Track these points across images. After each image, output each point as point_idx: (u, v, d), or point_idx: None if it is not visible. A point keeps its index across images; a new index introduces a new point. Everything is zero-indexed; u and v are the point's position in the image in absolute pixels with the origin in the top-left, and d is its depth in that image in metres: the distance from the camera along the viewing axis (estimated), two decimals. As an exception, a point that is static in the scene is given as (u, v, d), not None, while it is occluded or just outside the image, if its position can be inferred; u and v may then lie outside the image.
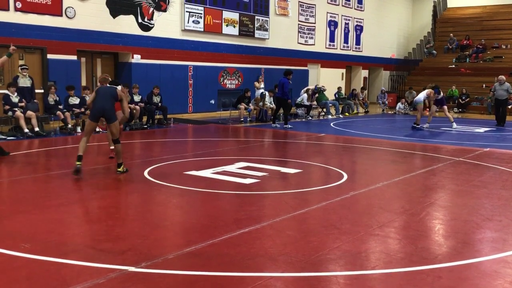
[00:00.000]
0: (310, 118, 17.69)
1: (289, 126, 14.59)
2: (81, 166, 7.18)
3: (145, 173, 7.51)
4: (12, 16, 12.69)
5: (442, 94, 15.74)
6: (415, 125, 14.98)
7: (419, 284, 3.82)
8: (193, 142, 12.29)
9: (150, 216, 5.55)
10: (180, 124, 15.14)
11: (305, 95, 17.52)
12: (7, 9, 12.60)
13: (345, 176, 7.69)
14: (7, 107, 11.20)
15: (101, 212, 5.79)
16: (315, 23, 23.26)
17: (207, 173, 7.65)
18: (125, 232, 4.91)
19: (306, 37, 22.84)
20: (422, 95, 15.30)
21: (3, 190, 6.71)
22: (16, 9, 12.75)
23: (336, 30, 24.82)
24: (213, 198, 6.32)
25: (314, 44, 23.30)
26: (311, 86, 18.27)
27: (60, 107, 12.26)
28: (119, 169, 7.48)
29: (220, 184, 7.01)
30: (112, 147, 8.22)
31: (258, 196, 6.46)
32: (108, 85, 7.81)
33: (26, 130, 11.05)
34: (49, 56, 13.48)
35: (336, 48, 24.94)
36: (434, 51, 28.29)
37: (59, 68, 13.53)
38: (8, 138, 10.74)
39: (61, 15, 13.69)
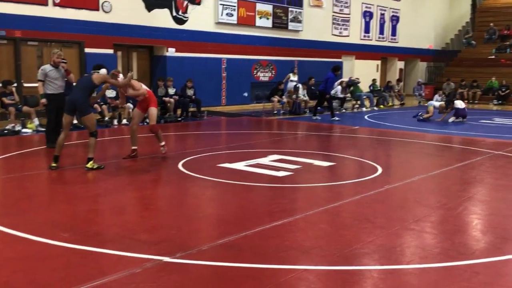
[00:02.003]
0: (343, 110, 17.51)
1: (337, 118, 14.47)
2: (56, 167, 7.18)
3: (179, 166, 7.60)
4: (51, 11, 13.00)
5: (461, 105, 15.14)
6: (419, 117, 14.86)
7: (455, 280, 3.75)
8: (227, 134, 12.36)
9: (184, 208, 5.63)
10: (214, 116, 15.24)
11: (339, 87, 17.32)
12: (46, 4, 12.91)
13: (380, 170, 7.59)
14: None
15: (137, 203, 5.90)
16: (349, 14, 22.94)
17: (240, 165, 7.68)
18: (160, 223, 4.99)
19: (341, 28, 22.57)
20: (436, 103, 15.34)
21: (43, 181, 6.91)
22: (54, 4, 13.06)
23: (372, 21, 24.41)
24: (246, 191, 6.34)
25: (348, 36, 23.00)
26: (345, 79, 18.04)
27: (98, 100, 12.50)
28: (87, 165, 7.16)
29: (253, 176, 7.03)
30: (134, 147, 8.16)
31: (291, 189, 6.45)
32: (92, 72, 7.61)
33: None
34: (87, 50, 13.77)
35: (371, 40, 24.54)
36: (473, 42, 27.45)
37: (96, 62, 13.72)
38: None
39: (98, 10, 13.95)
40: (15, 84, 11.95)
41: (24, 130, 10.92)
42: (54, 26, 13.03)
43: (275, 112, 15.81)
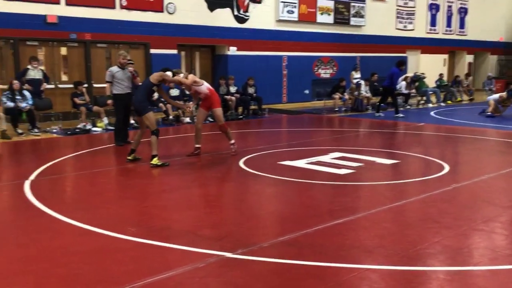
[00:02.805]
0: (408, 107, 17.02)
1: (401, 115, 14.14)
2: (132, 159, 7.66)
3: (241, 163, 7.69)
4: (118, 14, 13.53)
5: None
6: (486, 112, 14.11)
7: (529, 284, 3.56)
8: (287, 132, 12.36)
9: (245, 205, 5.69)
10: (275, 114, 15.28)
11: (403, 83, 16.86)
12: (113, 7, 13.46)
13: (447, 168, 7.32)
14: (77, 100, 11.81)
15: (200, 199, 6.03)
16: (414, 7, 22.24)
17: (301, 163, 7.66)
18: (223, 220, 5.08)
19: (405, 22, 21.93)
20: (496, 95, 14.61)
21: (112, 177, 7.23)
22: (121, 7, 13.58)
23: (438, 13, 23.54)
24: (307, 188, 6.32)
25: (413, 29, 22.31)
26: (410, 74, 17.54)
27: (162, 99, 12.88)
28: (151, 162, 7.40)
29: (315, 174, 6.99)
30: (197, 145, 8.32)
31: (353, 187, 6.36)
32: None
33: (132, 122, 11.75)
34: (152, 51, 14.22)
35: (438, 33, 23.67)
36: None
37: (161, 62, 14.19)
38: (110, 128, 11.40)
39: (162, 11, 14.36)
40: (86, 85, 12.55)
41: (94, 128, 11.45)
42: (121, 28, 13.55)
43: (337, 109, 15.63)
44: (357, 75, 16.82)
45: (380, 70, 17.85)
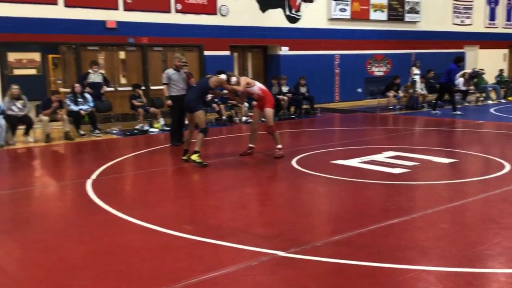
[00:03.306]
0: (466, 104, 16.44)
1: (459, 112, 13.71)
2: (186, 159, 7.76)
3: (293, 162, 7.71)
4: (173, 18, 13.87)
5: None
6: None
7: None
8: (340, 131, 12.25)
9: (298, 204, 5.71)
10: (327, 113, 15.17)
11: (461, 79, 16.29)
12: (169, 11, 13.81)
13: (508, 167, 7.03)
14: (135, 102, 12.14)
15: (253, 198, 6.11)
16: (472, 1, 21.43)
17: (354, 162, 7.59)
18: (275, 218, 5.13)
19: (462, 16, 21.18)
20: None
21: (168, 176, 7.44)
22: (176, 11, 13.91)
23: (497, 7, 22.57)
24: (361, 188, 6.26)
25: (471, 24, 21.51)
26: (468, 70, 16.92)
27: (216, 100, 13.09)
28: (191, 157, 7.52)
29: (368, 173, 6.91)
30: (251, 145, 8.40)
31: (408, 187, 6.24)
32: (210, 76, 8.05)
33: (187, 122, 12.01)
34: (206, 52, 14.48)
35: (497, 27, 22.69)
36: None
37: (214, 64, 14.43)
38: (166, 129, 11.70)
39: (215, 14, 14.59)
40: (143, 87, 12.95)
41: (151, 129, 11.80)
42: (176, 32, 13.88)
43: (391, 107, 15.32)
44: (417, 71, 16.39)
45: (436, 66, 17.33)
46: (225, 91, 8.62)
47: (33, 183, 7.16)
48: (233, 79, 8.15)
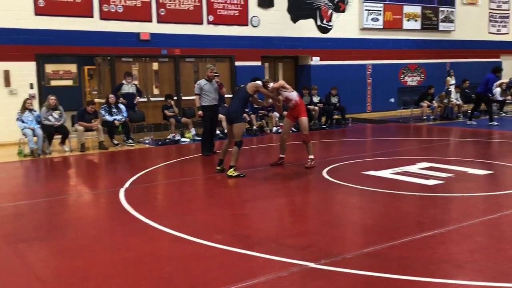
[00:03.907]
0: (503, 114, 16.01)
1: (495, 123, 13.38)
2: (221, 169, 7.80)
3: (324, 173, 7.65)
4: (205, 29, 14.06)
5: None
6: None
7: None
8: (372, 141, 12.11)
9: (329, 215, 5.66)
10: (358, 123, 15.03)
11: (498, 89, 15.90)
12: (201, 23, 14.00)
13: (547, 179, 6.80)
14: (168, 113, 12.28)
15: (283, 209, 6.08)
16: (509, 10, 20.98)
17: (386, 173, 7.48)
18: (305, 229, 5.09)
19: (499, 25, 20.73)
20: None
21: (199, 186, 7.49)
22: (208, 22, 14.09)
23: (536, 14, 21.99)
24: (393, 199, 6.15)
25: (508, 33, 21.02)
26: (505, 80, 16.50)
27: (246, 110, 13.16)
28: (228, 172, 7.53)
29: (400, 184, 6.79)
30: (281, 155, 8.39)
31: (442, 199, 6.10)
32: (246, 84, 8.03)
33: (218, 132, 12.11)
34: (237, 63, 14.59)
35: (536, 35, 22.11)
36: None
37: (245, 74, 14.52)
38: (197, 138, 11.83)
39: (247, 25, 14.72)
40: (175, 98, 13.13)
41: (182, 139, 11.94)
42: (208, 43, 14.07)
43: (425, 117, 15.06)
44: (452, 81, 16.10)
45: (471, 76, 17.00)
46: (263, 101, 8.64)
47: (68, 191, 7.33)
48: (270, 84, 8.20)
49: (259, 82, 8.03)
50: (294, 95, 8.24)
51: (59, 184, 7.69)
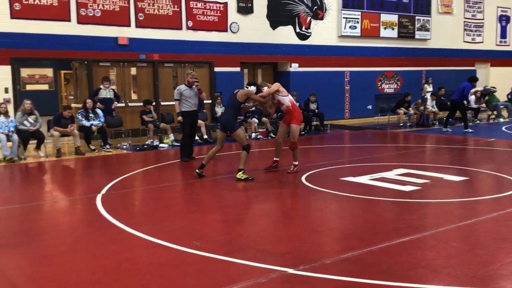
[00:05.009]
0: (478, 122, 16.35)
1: (470, 130, 13.62)
2: (200, 173, 7.81)
3: (303, 179, 7.69)
4: (184, 35, 14.02)
5: None
6: None
7: None
8: (350, 148, 12.22)
9: (308, 221, 5.68)
10: (337, 130, 15.16)
11: (473, 97, 16.24)
12: (180, 28, 13.96)
13: (520, 185, 6.96)
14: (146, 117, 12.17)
15: (262, 215, 6.08)
16: (483, 19, 21.47)
17: (364, 179, 7.55)
18: (285, 235, 5.10)
19: (473, 34, 21.20)
20: None
21: (177, 192, 7.44)
22: (187, 28, 14.07)
23: (509, 25, 22.57)
24: (371, 205, 6.21)
25: (482, 42, 21.52)
26: (479, 88, 16.87)
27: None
28: (237, 175, 7.61)
29: (378, 191, 6.86)
30: (276, 158, 8.49)
31: (419, 204, 6.18)
32: (238, 90, 7.93)
33: (197, 138, 12.06)
34: (216, 69, 14.59)
35: (509, 45, 22.67)
36: None
37: (224, 80, 14.55)
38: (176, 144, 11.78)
39: (226, 31, 14.73)
40: (154, 103, 13.05)
41: (161, 145, 11.86)
42: (187, 48, 14.03)
43: (401, 124, 15.27)
44: (429, 88, 16.38)
45: (446, 84, 17.35)
46: (251, 104, 8.56)
47: (44, 197, 7.20)
48: (265, 88, 8.13)
49: (252, 88, 7.93)
50: (286, 100, 8.26)
51: (34, 190, 7.55)
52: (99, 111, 11.46)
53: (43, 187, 8.09)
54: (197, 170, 7.91)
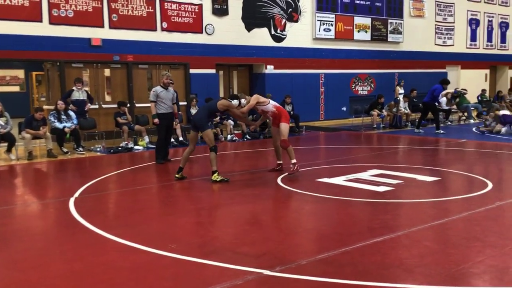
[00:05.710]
0: (449, 123, 16.69)
1: (441, 131, 13.88)
2: (180, 177, 7.78)
3: (278, 180, 7.71)
4: (159, 36, 13.93)
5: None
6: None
7: None
8: (325, 149, 12.31)
9: (284, 222, 5.70)
10: (312, 131, 15.26)
11: (444, 99, 16.57)
12: (155, 29, 13.86)
13: (490, 185, 7.12)
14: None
15: (238, 216, 6.07)
16: (454, 22, 21.93)
17: (339, 180, 7.62)
18: (260, 237, 5.10)
19: (444, 37, 21.63)
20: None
21: (153, 194, 7.38)
22: (162, 29, 13.97)
23: (478, 28, 23.11)
24: (346, 206, 6.27)
25: (453, 45, 21.98)
26: (450, 90, 17.22)
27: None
28: (212, 178, 7.61)
29: (353, 191, 6.94)
30: (279, 162, 8.57)
31: (392, 205, 6.27)
32: (221, 98, 8.05)
33: (172, 140, 11.98)
34: (191, 70, 14.52)
35: (479, 48, 23.22)
36: None
37: (199, 82, 14.50)
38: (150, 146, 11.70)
39: (201, 32, 14.69)
40: (128, 105, 12.91)
41: (136, 147, 11.73)
42: (162, 50, 13.94)
43: (375, 126, 15.48)
44: (401, 90, 16.65)
45: (418, 86, 17.64)
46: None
47: (15, 201, 7.05)
48: (242, 101, 8.13)
49: (235, 102, 7.95)
50: (270, 107, 8.33)
51: (4, 194, 7.37)
52: (72, 113, 11.28)
53: (14, 190, 7.91)
54: (176, 175, 7.85)
